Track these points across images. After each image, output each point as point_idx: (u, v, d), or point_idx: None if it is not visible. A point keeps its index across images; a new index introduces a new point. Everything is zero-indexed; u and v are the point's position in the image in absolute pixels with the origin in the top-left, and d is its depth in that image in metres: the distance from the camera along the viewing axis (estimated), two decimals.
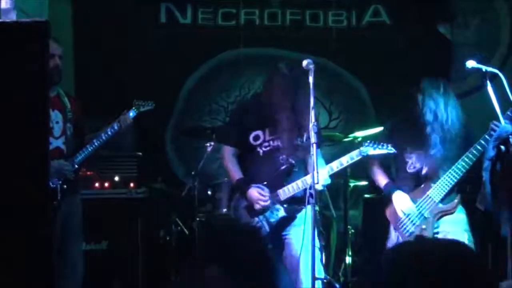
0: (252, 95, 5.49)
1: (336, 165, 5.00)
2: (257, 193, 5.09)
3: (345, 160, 5.01)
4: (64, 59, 5.40)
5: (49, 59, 4.96)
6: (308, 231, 4.92)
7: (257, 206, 5.09)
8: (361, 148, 5.00)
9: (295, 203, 5.13)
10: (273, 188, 5.12)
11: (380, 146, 5.01)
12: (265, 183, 5.13)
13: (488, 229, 5.39)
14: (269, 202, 5.09)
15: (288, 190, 5.10)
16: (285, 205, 5.12)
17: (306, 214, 4.88)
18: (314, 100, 4.60)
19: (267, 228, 5.11)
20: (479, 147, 4.95)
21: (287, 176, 5.14)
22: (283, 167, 5.12)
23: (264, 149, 5.18)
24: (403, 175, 5.22)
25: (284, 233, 5.15)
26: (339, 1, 8.23)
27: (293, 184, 5.09)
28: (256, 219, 5.12)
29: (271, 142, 5.17)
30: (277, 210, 5.12)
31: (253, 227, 4.89)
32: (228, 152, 5.29)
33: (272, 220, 5.12)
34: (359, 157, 5.00)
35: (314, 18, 8.26)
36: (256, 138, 5.18)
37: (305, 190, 4.99)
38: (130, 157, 6.60)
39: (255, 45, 8.12)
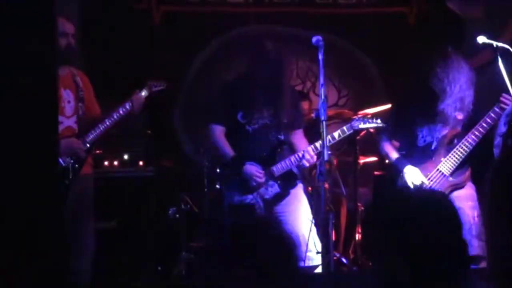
0: (238, 73, 5.52)
1: (328, 139, 5.01)
2: (253, 170, 5.11)
3: (337, 135, 5.12)
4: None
5: (62, 37, 4.96)
6: (305, 208, 5.03)
7: (252, 183, 5.14)
8: (352, 123, 5.15)
9: (289, 178, 5.18)
10: (265, 165, 5.16)
11: (370, 121, 5.17)
12: (257, 160, 5.17)
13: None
14: (264, 178, 5.13)
15: (281, 166, 5.16)
16: (279, 181, 5.16)
17: (299, 192, 5.22)
18: (324, 78, 4.59)
19: (261, 204, 5.17)
20: (488, 120, 4.94)
21: (278, 153, 5.23)
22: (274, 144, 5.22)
23: (253, 126, 5.19)
24: (414, 149, 5.20)
25: (278, 209, 5.20)
26: None
27: (286, 160, 5.14)
28: (250, 196, 5.17)
29: (259, 120, 5.18)
30: (271, 186, 5.18)
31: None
32: (217, 130, 5.29)
33: (266, 196, 5.18)
34: (350, 131, 5.15)
35: None
36: (244, 116, 5.19)
37: (298, 165, 5.10)
38: (139, 136, 6.58)
39: (264, 22, 8.07)
